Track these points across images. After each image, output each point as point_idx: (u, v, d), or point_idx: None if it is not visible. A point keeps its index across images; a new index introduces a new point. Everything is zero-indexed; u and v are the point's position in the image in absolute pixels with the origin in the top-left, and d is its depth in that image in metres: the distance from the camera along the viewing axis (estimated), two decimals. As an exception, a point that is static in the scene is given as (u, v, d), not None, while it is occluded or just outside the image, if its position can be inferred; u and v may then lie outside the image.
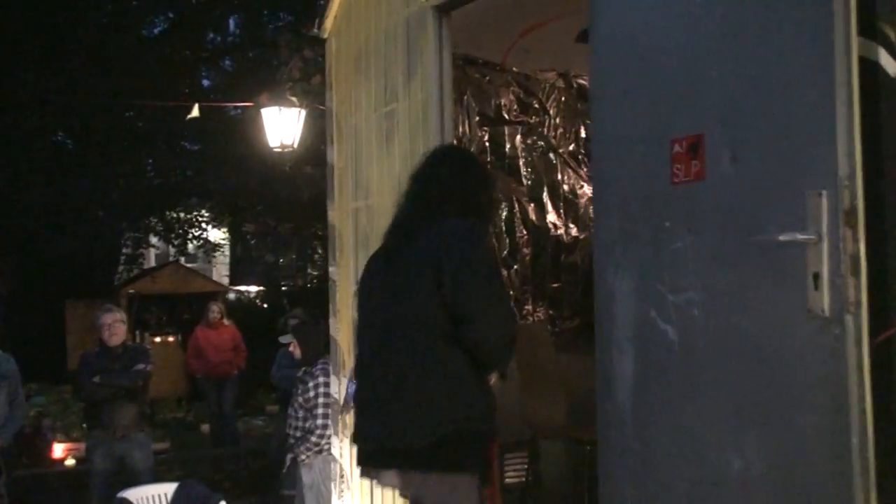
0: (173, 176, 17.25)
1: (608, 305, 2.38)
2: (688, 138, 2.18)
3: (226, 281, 23.36)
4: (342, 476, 4.05)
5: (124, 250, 18.07)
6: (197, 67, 18.08)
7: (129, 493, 5.68)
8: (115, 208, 15.57)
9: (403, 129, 3.34)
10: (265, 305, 22.41)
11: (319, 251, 23.62)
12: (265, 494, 8.57)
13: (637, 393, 2.29)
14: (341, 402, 3.67)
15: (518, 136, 4.00)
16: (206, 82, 19.13)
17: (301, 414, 5.77)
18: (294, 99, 9.29)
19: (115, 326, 6.50)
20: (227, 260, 26.15)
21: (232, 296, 21.91)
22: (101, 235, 15.39)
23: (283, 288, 24.30)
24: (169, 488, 5.85)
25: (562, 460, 4.00)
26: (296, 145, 9.44)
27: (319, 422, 5.89)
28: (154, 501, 5.77)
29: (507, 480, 3.73)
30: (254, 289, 25.66)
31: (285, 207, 17.48)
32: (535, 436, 3.87)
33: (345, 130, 3.79)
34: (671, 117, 2.25)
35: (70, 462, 9.14)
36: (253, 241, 24.60)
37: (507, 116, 3.98)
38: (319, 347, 6.47)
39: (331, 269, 4.18)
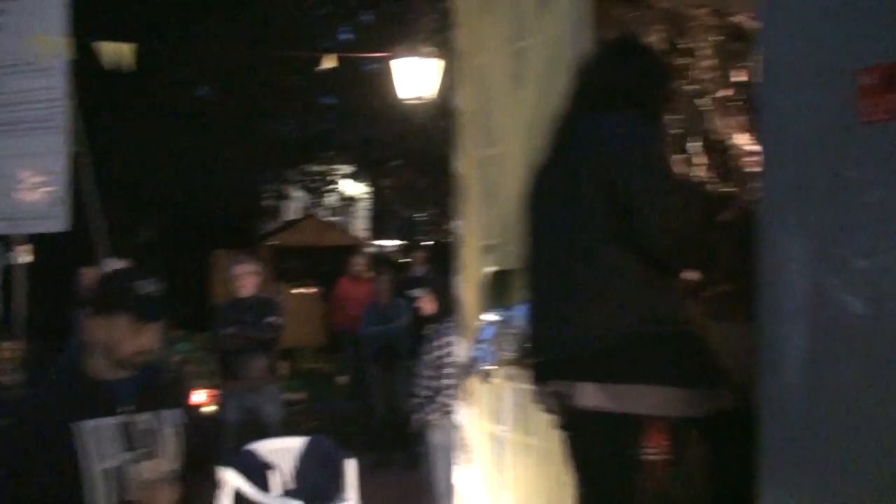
0: (311, 129, 17.40)
1: (776, 271, 2.02)
2: (881, 68, 1.80)
3: (364, 235, 23.54)
4: (465, 444, 3.82)
5: (264, 202, 18.41)
6: (335, 22, 18.07)
7: (258, 446, 5.65)
8: (256, 160, 15.82)
9: (534, 69, 3.03)
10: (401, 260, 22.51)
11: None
12: (395, 451, 8.52)
13: (810, 374, 1.94)
14: (465, 365, 3.44)
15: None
16: (343, 37, 19.14)
17: (428, 373, 5.59)
18: (430, 50, 9.09)
19: (246, 277, 6.47)
20: (367, 214, 26.41)
21: (371, 250, 22.05)
22: (242, 186, 15.68)
23: (422, 243, 24.35)
24: (298, 443, 5.79)
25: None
26: (433, 96, 9.23)
27: (448, 381, 5.70)
28: (282, 454, 5.72)
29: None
30: (392, 243, 25.85)
31: (421, 161, 17.40)
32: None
33: (471, 72, 3.50)
34: (860, 43, 1.86)
35: (211, 408, 9.30)
36: (391, 196, 24.75)
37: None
38: (450, 304, 6.27)
39: (456, 222, 3.92)
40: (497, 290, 3.25)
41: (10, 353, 10.26)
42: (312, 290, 16.70)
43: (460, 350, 3.72)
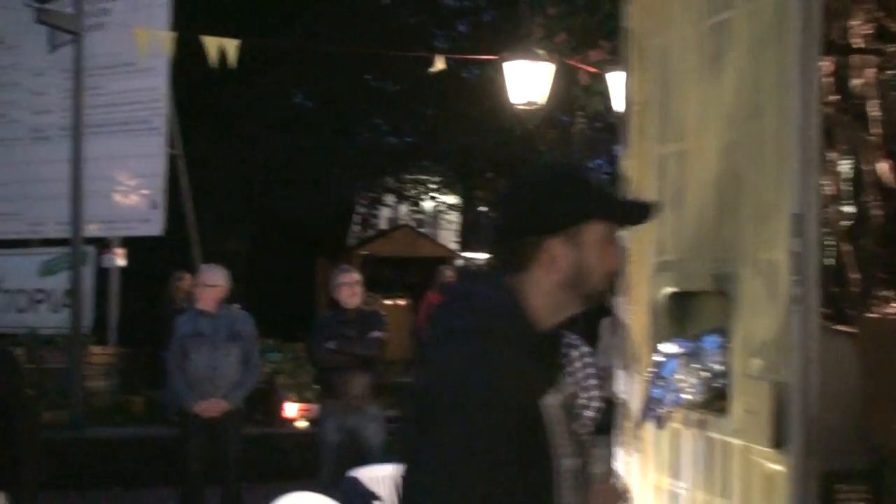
0: (407, 137, 17.09)
1: None
2: None
3: (455, 247, 23.11)
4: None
5: (358, 210, 18.13)
6: (431, 32, 17.73)
7: (361, 473, 5.18)
8: (351, 167, 15.55)
9: (741, 45, 2.48)
10: (492, 273, 22.02)
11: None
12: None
13: None
14: (635, 407, 2.90)
15: (871, 69, 3.01)
16: (439, 45, 18.80)
17: None
18: (541, 52, 8.60)
19: (352, 287, 6.04)
20: (457, 226, 25.99)
21: (460, 262, 21.60)
22: (336, 194, 15.42)
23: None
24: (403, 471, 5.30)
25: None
26: (543, 102, 8.72)
27: (594, 393, 5.24)
28: (386, 484, 5.24)
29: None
30: (483, 256, 25.35)
31: (519, 172, 16.88)
32: (882, 464, 2.94)
33: (649, 54, 2.97)
34: None
35: (302, 424, 8.92)
36: (484, 208, 24.31)
37: (857, 43, 3.00)
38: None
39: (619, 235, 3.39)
40: (677, 317, 2.71)
41: (102, 358, 10.11)
42: (402, 301, 16.33)
43: (622, 387, 3.18)
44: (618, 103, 8.93)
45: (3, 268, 10.97)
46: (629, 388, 3.05)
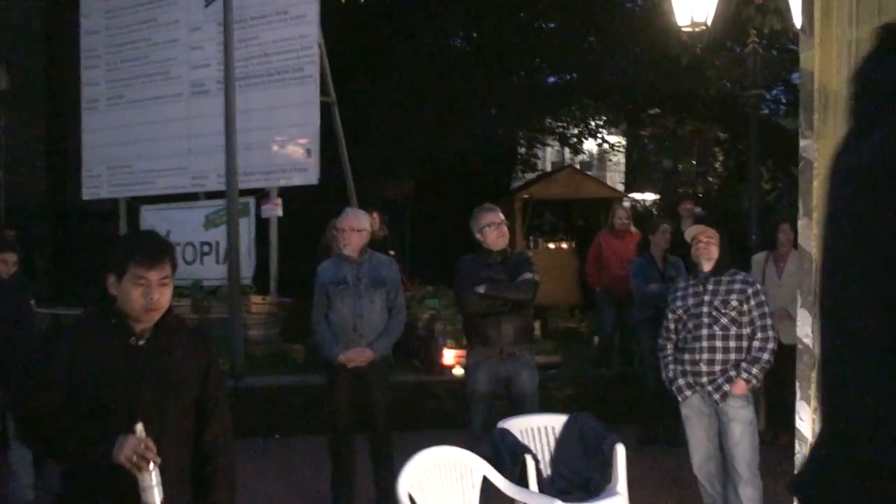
0: (566, 74, 16.46)
1: None
2: None
3: (620, 188, 22.33)
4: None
5: (519, 152, 17.70)
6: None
7: (511, 424, 4.86)
8: (510, 109, 15.11)
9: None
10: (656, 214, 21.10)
11: (720, 157, 21.75)
12: (651, 420, 7.50)
13: None
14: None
15: None
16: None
17: (734, 331, 4.91)
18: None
19: (501, 227, 5.65)
20: (622, 167, 25.13)
21: (627, 203, 20.83)
22: (496, 136, 15.05)
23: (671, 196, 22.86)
24: (557, 421, 4.95)
25: None
26: (709, 22, 7.98)
27: (770, 333, 4.98)
28: (539, 434, 4.90)
29: None
30: (650, 196, 24.48)
31: (686, 105, 15.98)
32: None
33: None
34: None
35: (458, 371, 8.68)
36: (650, 146, 23.37)
37: None
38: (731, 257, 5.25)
39: (801, 221, 2.79)
40: None
41: (262, 308, 10.22)
42: (566, 244, 15.86)
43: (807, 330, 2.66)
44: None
45: (169, 221, 11.26)
46: (814, 331, 2.53)
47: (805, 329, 2.60)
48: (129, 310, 2.74)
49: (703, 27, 8.07)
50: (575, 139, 17.90)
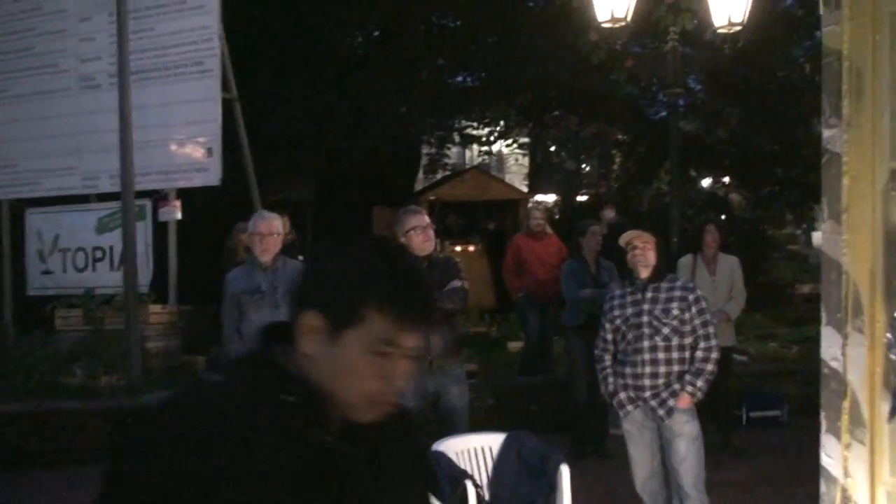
0: (472, 74, 16.23)
1: None
2: None
3: (524, 189, 22.26)
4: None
5: (426, 151, 17.38)
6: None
7: (446, 446, 4.49)
8: (414, 109, 14.77)
9: None
10: (557, 217, 21.07)
11: (618, 159, 21.92)
12: (581, 432, 7.25)
13: None
14: (855, 379, 2.11)
15: None
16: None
17: (676, 341, 4.70)
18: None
19: (428, 231, 5.28)
20: (523, 169, 25.10)
21: (529, 204, 20.78)
22: (400, 138, 14.69)
23: (582, 198, 22.96)
24: (494, 440, 4.61)
25: None
26: (629, 18, 7.79)
27: (714, 342, 4.78)
28: (476, 456, 4.55)
29: None
30: (551, 198, 24.51)
31: (591, 107, 15.92)
32: None
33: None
34: None
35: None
36: (552, 148, 23.39)
37: None
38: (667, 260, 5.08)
39: (821, 227, 2.49)
40: None
41: (161, 318, 9.57)
42: (473, 246, 15.63)
43: (836, 352, 2.36)
44: (717, 16, 7.99)
45: (59, 225, 10.50)
46: (845, 354, 2.24)
47: (833, 351, 2.30)
48: (350, 392, 1.44)
49: (623, 22, 7.90)
50: (484, 140, 17.68)
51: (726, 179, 19.31)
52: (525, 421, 7.72)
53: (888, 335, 1.95)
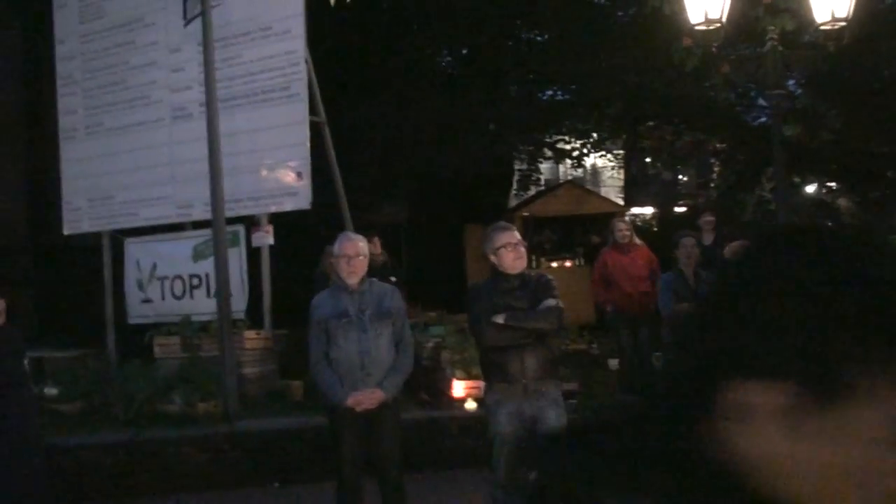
0: (563, 86, 15.98)
1: None
2: None
3: (620, 202, 21.86)
4: None
5: (518, 167, 17.19)
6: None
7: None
8: (505, 125, 14.60)
9: None
10: (655, 229, 20.58)
11: (717, 168, 21.30)
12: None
13: None
14: None
15: None
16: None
17: None
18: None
19: (519, 248, 5.06)
20: (618, 181, 24.67)
21: (627, 218, 20.38)
22: (492, 154, 14.54)
23: (680, 209, 22.41)
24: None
25: None
26: (724, 19, 7.45)
27: None
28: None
29: None
30: (649, 210, 24.01)
31: (686, 115, 15.49)
32: None
33: None
34: None
35: (471, 405, 8.07)
36: (648, 159, 22.94)
37: None
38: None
39: None
40: None
41: (257, 343, 9.56)
42: (570, 262, 15.34)
43: None
44: (819, 13, 7.58)
45: (156, 254, 10.65)
46: None
47: None
48: None
49: (718, 24, 7.56)
50: (577, 153, 17.38)
51: (833, 185, 18.55)
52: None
53: None
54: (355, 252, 5.18)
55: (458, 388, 8.46)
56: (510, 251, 5.02)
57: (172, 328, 9.54)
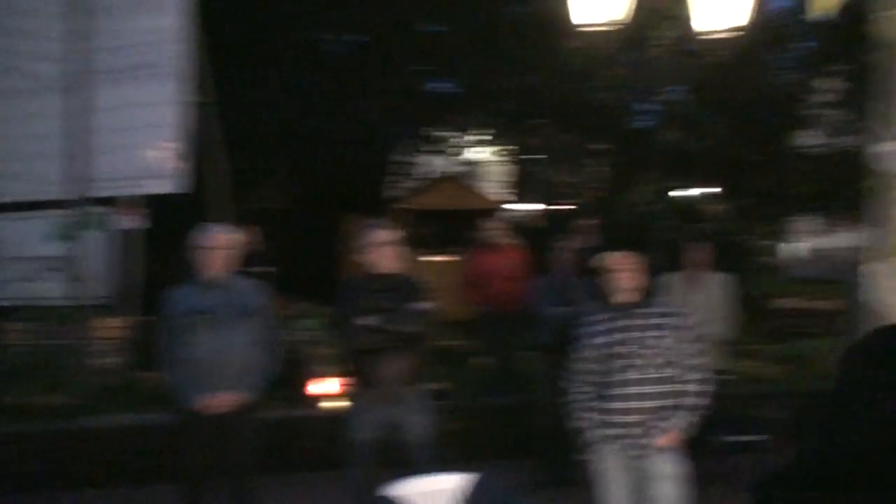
0: (452, 81, 15.87)
1: None
2: None
3: (503, 199, 21.87)
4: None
5: (395, 159, 16.97)
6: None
7: (401, 491, 4.02)
8: (391, 116, 14.40)
9: None
10: (540, 228, 20.67)
11: (597, 169, 21.61)
12: (546, 458, 6.77)
13: None
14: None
15: None
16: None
17: (667, 372, 4.23)
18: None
19: (391, 248, 4.86)
20: (501, 178, 24.77)
21: (505, 215, 20.43)
22: (377, 145, 14.35)
23: (559, 208, 22.62)
24: (457, 483, 4.13)
25: None
26: (610, 22, 7.36)
27: (706, 374, 4.33)
28: (436, 502, 4.09)
29: None
30: (534, 207, 24.13)
31: (569, 115, 15.57)
32: None
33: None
34: None
35: (335, 404, 7.75)
36: (531, 157, 23.10)
37: None
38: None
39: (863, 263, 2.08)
40: None
41: (113, 332, 9.03)
42: (447, 258, 15.20)
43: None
44: (701, 21, 7.58)
45: (7, 233, 9.95)
46: None
47: None
48: None
49: (603, 28, 7.47)
50: (458, 148, 17.33)
51: (709, 190, 19.01)
52: (490, 446, 7.33)
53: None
54: (213, 244, 4.88)
55: (323, 385, 8.16)
56: (381, 250, 4.83)
57: (23, 314, 8.93)
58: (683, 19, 8.15)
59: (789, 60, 13.40)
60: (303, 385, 8.22)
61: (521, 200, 23.19)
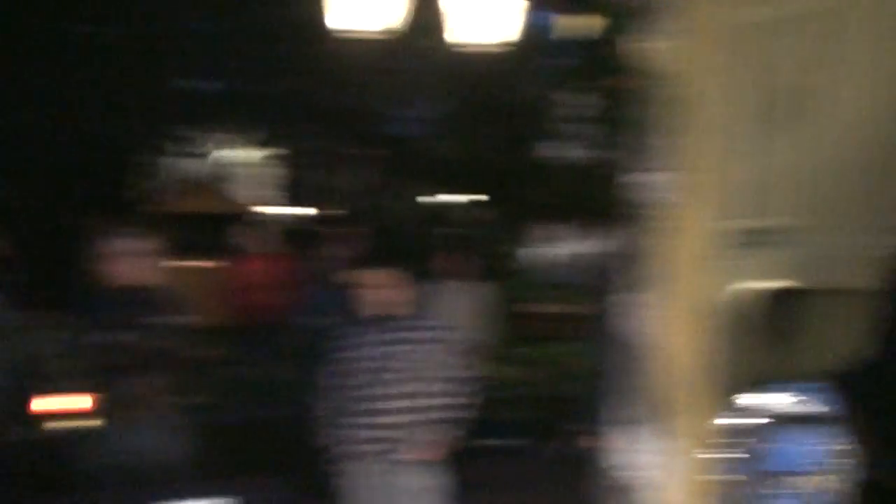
0: (214, 82, 15.39)
1: None
2: None
3: (261, 203, 21.53)
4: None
5: (138, 160, 16.22)
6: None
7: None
8: (131, 113, 13.77)
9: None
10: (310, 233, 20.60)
11: (354, 174, 21.81)
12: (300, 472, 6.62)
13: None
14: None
15: None
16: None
17: (425, 386, 4.19)
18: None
19: (140, 258, 4.53)
20: (262, 182, 24.45)
21: (261, 218, 20.23)
22: (128, 142, 13.70)
23: (332, 214, 22.53)
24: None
25: None
26: (365, 30, 7.28)
27: (469, 387, 4.30)
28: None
29: None
30: (280, 210, 23.85)
31: (329, 120, 15.58)
32: None
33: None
34: None
35: (72, 424, 7.16)
36: (292, 161, 22.93)
37: None
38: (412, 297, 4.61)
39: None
40: (784, 336, 1.49)
41: None
42: (200, 264, 14.70)
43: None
44: (457, 35, 7.67)
45: None
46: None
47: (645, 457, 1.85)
48: None
49: (358, 35, 7.39)
50: (217, 151, 16.88)
51: (476, 198, 19.55)
52: (246, 462, 7.07)
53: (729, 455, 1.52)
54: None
55: (80, 400, 7.52)
56: (124, 259, 4.50)
57: None
58: (448, 31, 8.31)
59: (545, 74, 14.03)
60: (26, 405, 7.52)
61: (291, 205, 22.84)
